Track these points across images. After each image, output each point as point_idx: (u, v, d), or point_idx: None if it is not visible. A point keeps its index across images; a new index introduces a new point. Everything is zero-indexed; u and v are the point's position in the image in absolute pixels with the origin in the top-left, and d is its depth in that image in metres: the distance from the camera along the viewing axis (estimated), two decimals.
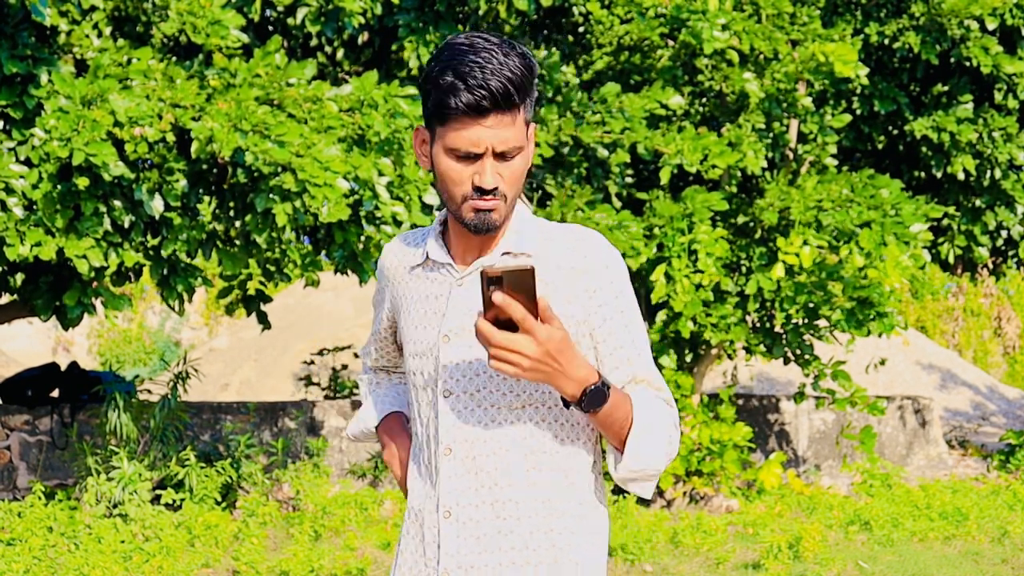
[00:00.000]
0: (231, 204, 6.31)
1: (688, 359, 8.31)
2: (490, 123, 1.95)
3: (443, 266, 2.11)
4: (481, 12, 7.57)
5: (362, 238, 6.40)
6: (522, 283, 1.86)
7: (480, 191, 1.98)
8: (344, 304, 14.54)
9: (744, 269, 7.86)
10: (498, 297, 1.85)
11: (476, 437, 2.04)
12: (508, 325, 1.88)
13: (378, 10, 6.98)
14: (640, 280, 7.62)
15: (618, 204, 7.99)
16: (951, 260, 9.16)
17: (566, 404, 2.00)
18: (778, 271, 7.45)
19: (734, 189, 7.88)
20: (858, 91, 8.45)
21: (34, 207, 5.83)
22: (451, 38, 1.98)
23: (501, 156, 1.98)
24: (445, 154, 1.99)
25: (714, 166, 7.20)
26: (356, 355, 9.15)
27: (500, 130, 1.95)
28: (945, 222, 9.03)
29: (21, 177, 5.74)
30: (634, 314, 2.10)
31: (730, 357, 8.35)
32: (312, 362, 10.91)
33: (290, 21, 7.25)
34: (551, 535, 2.05)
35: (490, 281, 1.85)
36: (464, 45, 1.95)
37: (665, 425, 2.05)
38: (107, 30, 6.46)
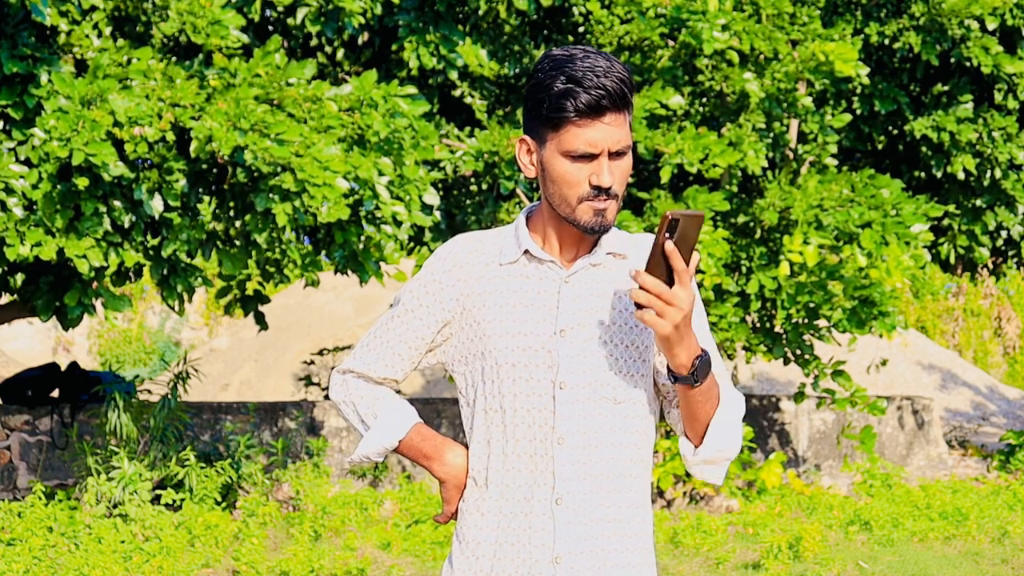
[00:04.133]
0: (231, 204, 6.30)
1: None
2: (607, 121, 2.03)
3: (545, 263, 2.17)
4: (481, 12, 7.56)
5: (362, 238, 6.40)
6: (690, 231, 1.91)
7: (598, 190, 2.06)
8: (344, 304, 14.53)
9: (744, 269, 7.86)
10: (668, 246, 1.91)
11: (588, 428, 2.13)
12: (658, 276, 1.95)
13: (378, 10, 6.97)
14: None
15: None
16: (951, 260, 9.15)
17: (671, 377, 2.07)
18: (784, 269, 7.44)
19: (734, 189, 7.87)
20: (858, 91, 8.44)
21: (34, 207, 5.83)
22: (548, 52, 2.08)
23: (613, 155, 2.06)
24: (560, 157, 2.07)
25: (714, 166, 7.19)
26: None
27: (615, 129, 2.04)
28: (945, 222, 9.02)
29: (21, 177, 5.73)
30: (706, 317, 2.25)
31: (730, 357, 8.34)
32: (312, 362, 10.90)
33: (290, 21, 7.25)
34: (643, 524, 2.19)
35: (670, 226, 1.90)
36: (565, 55, 2.04)
37: (741, 411, 2.18)
38: (107, 30, 6.45)
